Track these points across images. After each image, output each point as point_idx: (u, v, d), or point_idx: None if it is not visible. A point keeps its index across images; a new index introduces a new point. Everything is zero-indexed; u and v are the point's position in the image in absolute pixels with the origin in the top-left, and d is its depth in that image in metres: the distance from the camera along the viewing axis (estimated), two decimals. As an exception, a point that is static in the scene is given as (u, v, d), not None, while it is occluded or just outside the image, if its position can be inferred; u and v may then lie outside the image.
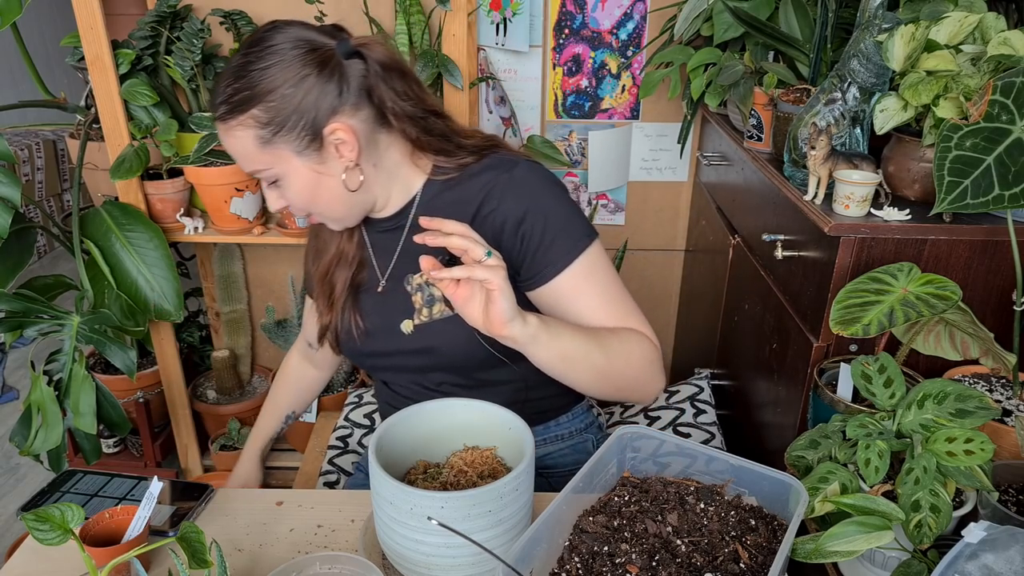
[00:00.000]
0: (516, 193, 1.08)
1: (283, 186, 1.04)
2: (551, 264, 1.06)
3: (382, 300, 1.17)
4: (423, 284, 1.03)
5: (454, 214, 1.07)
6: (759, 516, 0.82)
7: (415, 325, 1.09)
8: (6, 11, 1.42)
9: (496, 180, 1.08)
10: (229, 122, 1.00)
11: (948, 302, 0.91)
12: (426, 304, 1.07)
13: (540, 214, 1.07)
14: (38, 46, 4.08)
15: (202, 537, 0.79)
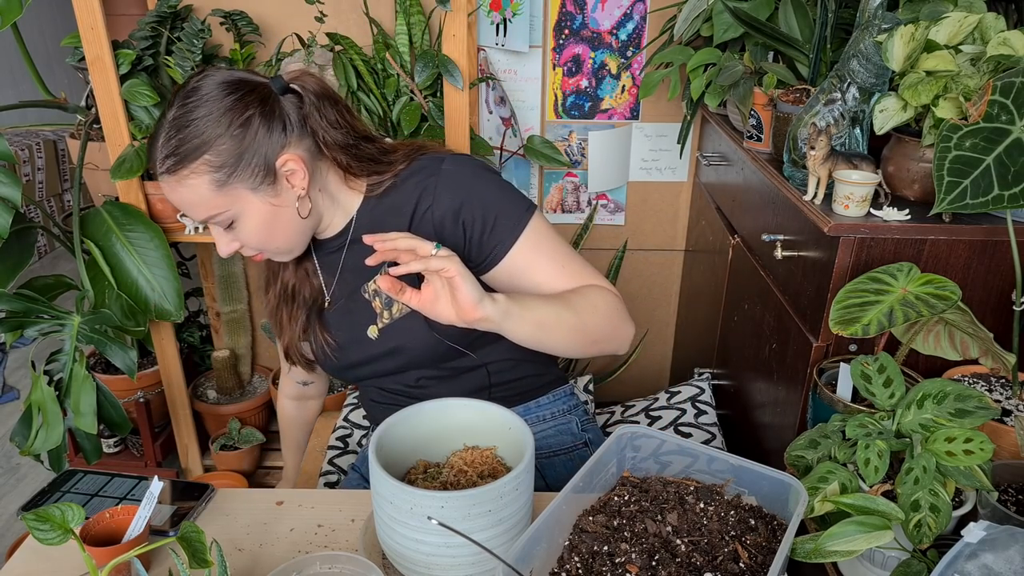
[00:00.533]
0: (448, 186, 1.11)
1: (239, 227, 1.07)
2: (499, 243, 1.10)
3: (344, 315, 1.20)
4: (377, 290, 1.07)
5: (392, 221, 1.14)
6: (759, 516, 0.83)
7: (380, 329, 1.15)
8: (7, 11, 1.42)
9: (426, 180, 1.12)
10: (180, 172, 1.01)
11: (947, 302, 0.91)
12: (385, 307, 1.12)
13: (476, 200, 1.10)
14: (39, 46, 4.08)
15: (202, 537, 0.79)
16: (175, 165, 1.01)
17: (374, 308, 1.12)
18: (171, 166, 1.01)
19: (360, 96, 1.83)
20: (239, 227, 1.07)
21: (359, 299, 1.16)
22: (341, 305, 1.21)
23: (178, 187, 1.03)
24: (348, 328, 1.20)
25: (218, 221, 1.06)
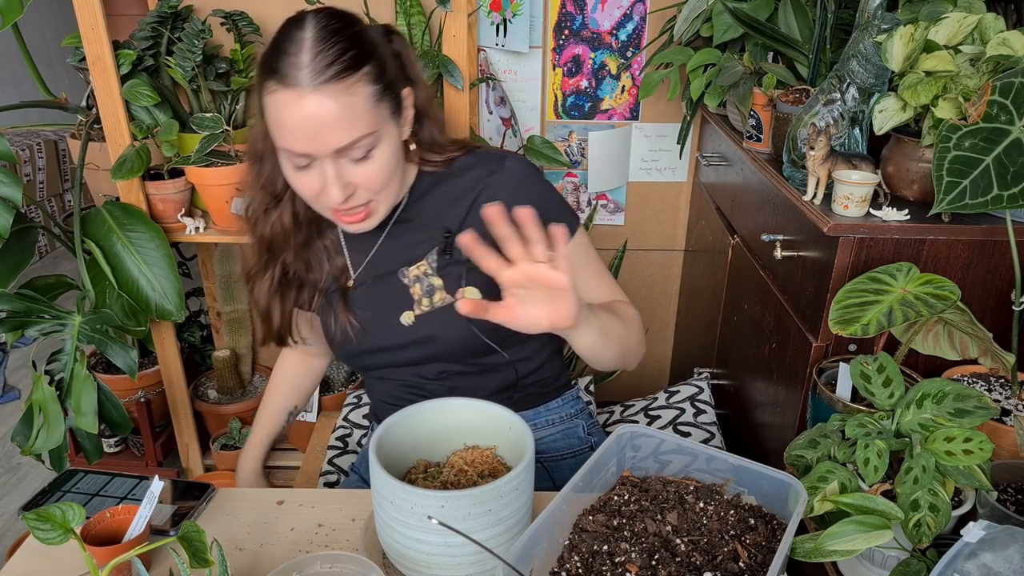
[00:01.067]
0: (509, 185, 1.10)
1: (375, 156, 0.99)
2: None
3: (372, 297, 1.16)
4: (420, 276, 1.06)
5: (448, 210, 1.12)
6: (758, 515, 0.83)
7: (416, 316, 1.12)
8: (7, 11, 1.42)
9: (488, 175, 1.11)
10: (346, 80, 0.94)
11: (947, 302, 0.92)
12: (426, 294, 1.10)
13: (534, 203, 1.07)
14: (39, 46, 4.08)
15: (203, 536, 0.79)
16: (341, 72, 0.94)
17: (412, 294, 1.10)
18: (335, 74, 0.93)
19: (360, 96, 1.83)
20: (375, 157, 0.99)
21: (392, 281, 1.13)
22: (368, 286, 1.17)
23: (342, 95, 0.94)
24: (375, 311, 1.16)
25: (361, 145, 0.97)
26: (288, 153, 0.98)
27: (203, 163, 1.74)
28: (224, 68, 1.86)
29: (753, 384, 1.51)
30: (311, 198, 1.03)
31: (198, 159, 1.71)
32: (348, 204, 1.01)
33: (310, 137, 0.95)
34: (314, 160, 0.97)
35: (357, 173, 0.99)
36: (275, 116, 0.97)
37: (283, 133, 0.97)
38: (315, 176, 0.99)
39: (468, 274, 1.11)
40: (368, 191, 1.02)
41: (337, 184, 0.98)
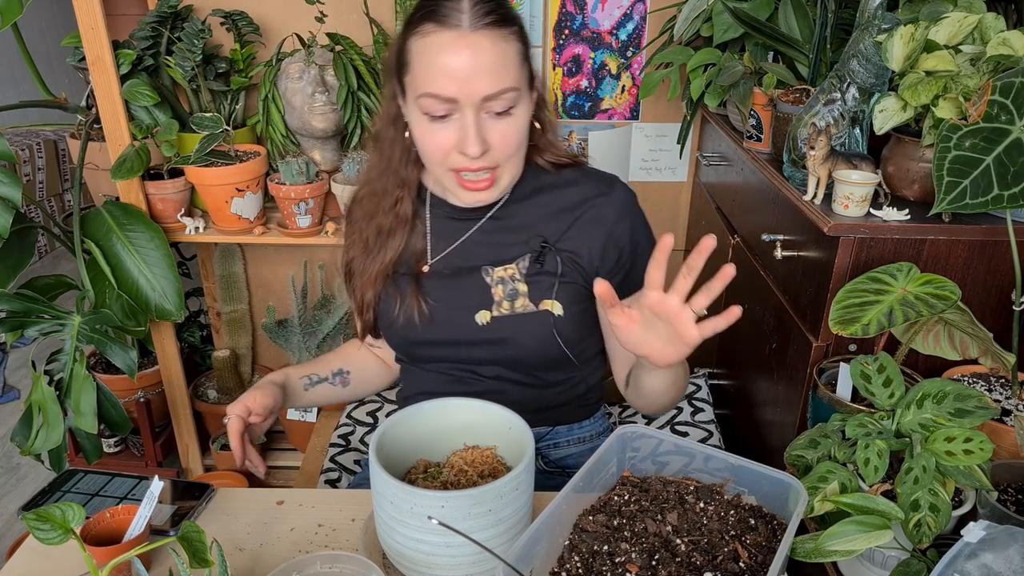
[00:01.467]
0: (617, 210, 1.11)
1: (514, 116, 1.00)
2: (635, 282, 1.06)
3: (446, 288, 1.14)
4: (506, 278, 1.06)
5: (549, 219, 1.12)
6: (759, 515, 0.83)
7: (493, 317, 1.10)
8: (7, 11, 1.42)
9: (596, 195, 1.11)
10: (503, 30, 0.96)
11: (947, 302, 0.92)
12: (508, 297, 1.09)
13: (636, 233, 1.11)
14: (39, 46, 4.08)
15: (203, 536, 0.79)
16: (500, 21, 0.95)
17: (492, 294, 1.08)
18: (495, 20, 0.95)
19: (360, 96, 1.83)
20: (514, 116, 0.99)
21: (472, 277, 1.12)
22: (445, 276, 1.14)
23: (496, 42, 0.95)
24: (449, 304, 1.13)
25: (505, 98, 0.97)
26: (430, 101, 0.97)
27: (203, 163, 1.74)
28: (224, 68, 1.86)
29: (753, 384, 1.51)
30: (442, 154, 1.01)
31: (198, 159, 1.70)
32: (478, 163, 1.00)
33: (463, 80, 0.94)
34: (455, 110, 0.97)
35: (495, 130, 0.99)
36: (427, 59, 0.96)
37: (432, 76, 0.96)
38: (452, 130, 0.98)
39: (559, 289, 1.10)
40: (501, 152, 1.01)
41: (477, 137, 0.97)
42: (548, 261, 1.10)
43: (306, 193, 1.77)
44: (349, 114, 1.82)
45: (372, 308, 1.18)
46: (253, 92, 1.95)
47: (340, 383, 1.28)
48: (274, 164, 1.88)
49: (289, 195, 1.76)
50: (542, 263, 1.10)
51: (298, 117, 1.82)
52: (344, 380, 1.28)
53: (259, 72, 1.88)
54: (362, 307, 1.18)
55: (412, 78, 0.99)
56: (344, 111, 1.82)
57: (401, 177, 1.14)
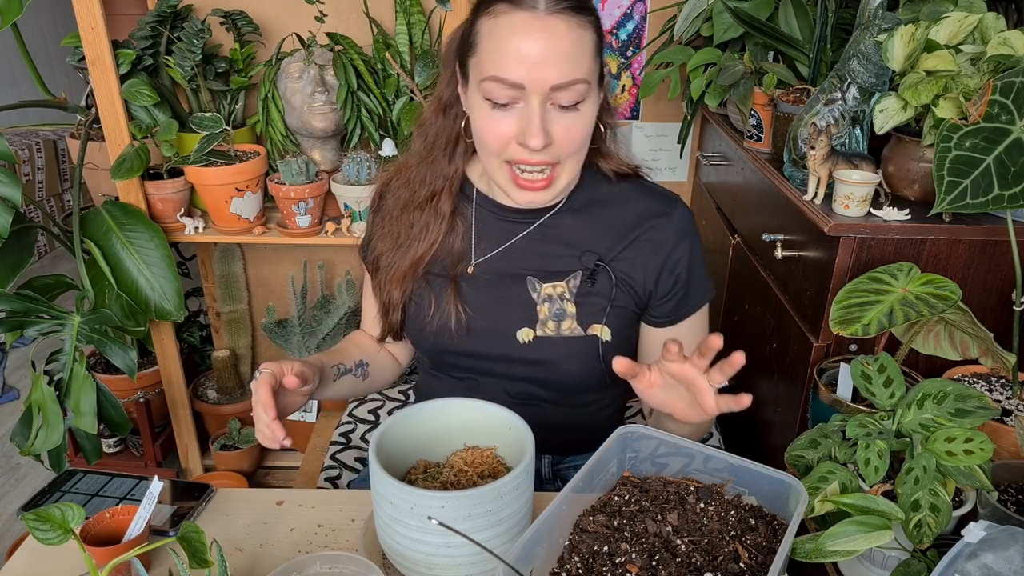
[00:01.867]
0: (677, 233, 1.05)
1: (581, 111, 0.93)
2: (686, 306, 1.08)
3: (488, 298, 1.07)
4: (555, 296, 1.00)
5: (604, 234, 1.05)
6: (759, 516, 0.82)
7: (536, 336, 1.03)
8: (7, 11, 1.42)
9: (659, 214, 1.05)
10: (579, 18, 0.90)
11: (947, 302, 0.91)
12: (554, 317, 1.02)
13: (692, 260, 1.07)
14: (39, 46, 4.08)
15: (202, 537, 0.79)
16: (578, 7, 0.90)
17: (537, 312, 1.01)
18: (573, 6, 0.90)
19: (360, 96, 1.83)
20: (581, 111, 0.93)
21: (515, 287, 1.05)
22: (487, 284, 1.07)
23: (571, 29, 0.89)
24: (489, 317, 1.06)
25: (575, 90, 0.91)
26: (494, 85, 0.91)
27: (202, 163, 1.73)
28: (223, 68, 1.86)
29: (754, 384, 1.51)
30: (500, 144, 0.94)
31: (197, 159, 1.70)
32: (538, 157, 0.93)
33: (532, 65, 0.88)
34: (520, 99, 0.91)
35: (560, 124, 0.92)
36: (496, 41, 0.90)
37: (500, 58, 0.90)
38: (513, 119, 0.92)
39: (609, 312, 1.04)
40: (564, 148, 0.94)
41: (541, 128, 0.90)
42: (600, 281, 1.04)
43: (306, 193, 1.76)
44: (349, 114, 1.82)
45: (399, 309, 1.10)
46: (253, 92, 1.95)
47: (361, 376, 1.18)
48: (274, 164, 1.88)
49: (289, 195, 1.76)
50: (594, 282, 1.04)
51: (298, 117, 1.82)
52: (364, 373, 1.19)
53: (259, 72, 1.88)
54: (388, 307, 1.12)
55: (477, 60, 0.93)
56: (344, 111, 1.82)
57: (443, 169, 1.07)
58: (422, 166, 1.08)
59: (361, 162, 1.75)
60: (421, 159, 1.08)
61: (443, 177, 1.07)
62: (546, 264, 1.05)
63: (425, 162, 1.08)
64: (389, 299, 1.11)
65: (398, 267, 1.09)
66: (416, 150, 1.10)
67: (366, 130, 1.87)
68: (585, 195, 1.06)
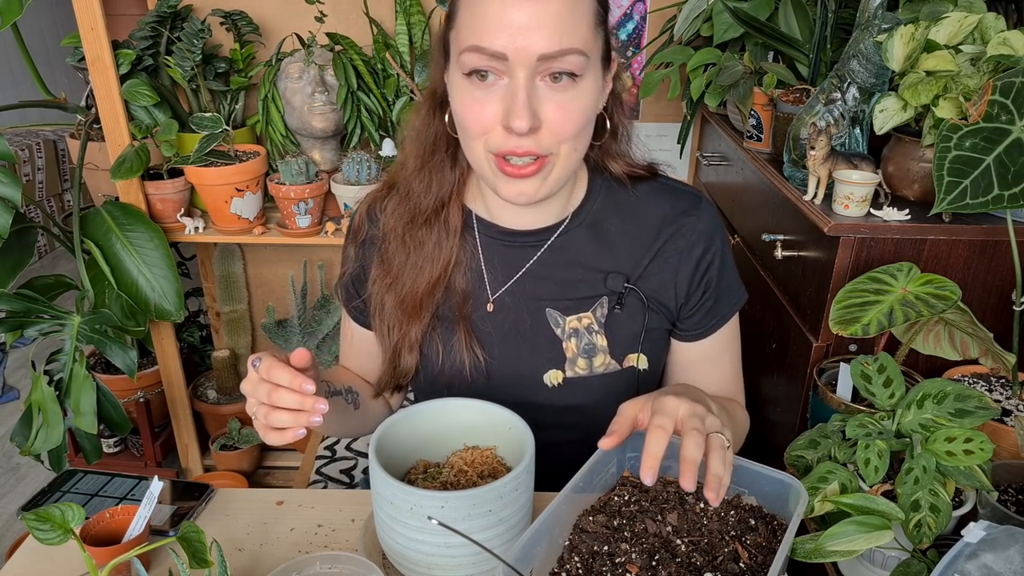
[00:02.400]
0: (707, 234, 0.94)
1: (577, 89, 0.79)
2: (717, 315, 0.97)
3: (505, 337, 0.94)
4: (581, 330, 0.88)
5: (627, 247, 0.94)
6: (759, 516, 0.82)
7: (566, 378, 0.92)
8: (7, 11, 1.42)
9: (683, 217, 0.93)
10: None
11: (947, 302, 0.91)
12: (583, 354, 0.90)
13: (723, 262, 0.95)
14: (39, 46, 4.08)
15: (202, 537, 0.79)
16: None
17: (564, 350, 0.89)
18: None
19: (360, 96, 1.83)
20: (575, 90, 0.79)
21: (535, 323, 0.92)
22: (502, 322, 0.94)
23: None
24: (510, 360, 0.94)
25: (568, 62, 0.77)
26: (473, 56, 0.77)
27: (202, 163, 1.73)
28: (223, 68, 1.86)
29: (753, 384, 1.51)
30: (481, 129, 0.81)
31: (197, 159, 1.70)
32: (524, 146, 0.79)
33: (516, 29, 0.75)
34: (504, 73, 0.78)
35: (550, 104, 0.78)
36: (474, 5, 0.78)
37: (480, 25, 0.77)
38: (497, 99, 0.78)
39: (644, 339, 0.92)
40: (556, 132, 0.80)
41: (527, 108, 0.77)
42: (630, 304, 0.92)
43: (306, 193, 1.76)
44: (349, 114, 1.82)
45: (417, 349, 0.95)
46: (253, 92, 1.95)
47: (352, 403, 1.00)
48: (274, 164, 1.88)
49: (289, 195, 1.76)
50: (623, 307, 0.92)
51: (298, 117, 1.82)
52: (355, 401, 1.01)
53: (259, 72, 1.88)
54: (400, 350, 0.95)
55: (456, 32, 0.81)
56: (344, 111, 1.82)
57: (447, 175, 0.93)
58: (423, 173, 0.94)
59: (361, 162, 1.75)
60: (421, 166, 0.94)
61: (449, 184, 0.94)
62: (566, 292, 0.93)
63: (426, 168, 0.94)
64: (403, 338, 0.95)
65: (411, 294, 0.93)
66: (412, 158, 0.95)
67: (366, 130, 1.87)
68: (597, 206, 0.94)
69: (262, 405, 0.76)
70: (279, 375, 0.75)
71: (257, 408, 0.77)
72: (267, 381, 0.75)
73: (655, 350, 0.96)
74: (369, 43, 1.86)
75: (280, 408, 0.75)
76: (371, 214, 0.99)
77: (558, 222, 0.94)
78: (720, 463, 0.69)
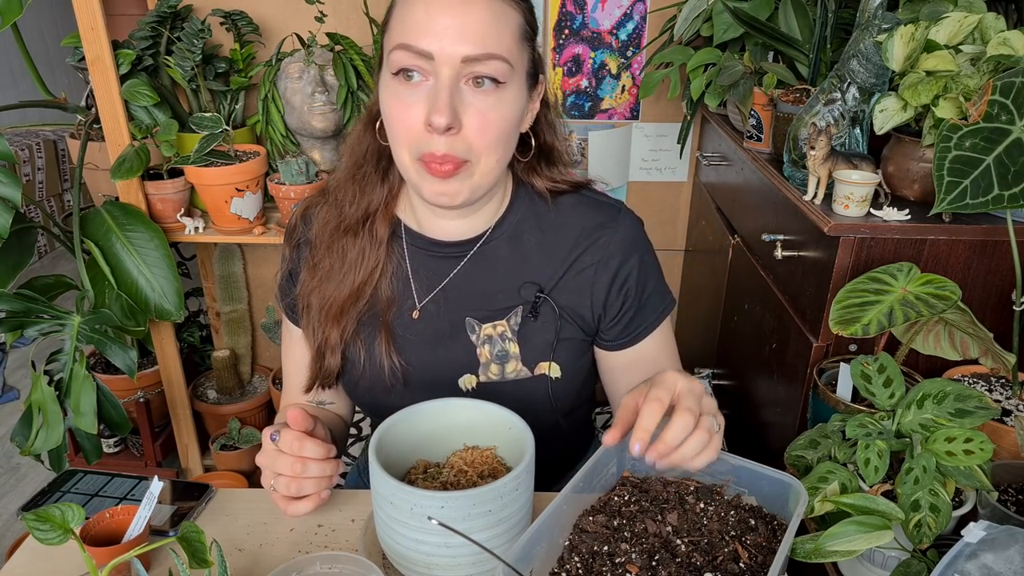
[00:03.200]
0: (624, 246, 0.97)
1: (499, 98, 0.83)
2: (643, 325, 1.00)
3: (425, 342, 0.98)
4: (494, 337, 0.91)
5: (543, 259, 0.97)
6: (759, 516, 0.82)
7: (479, 382, 0.96)
8: (7, 11, 1.42)
9: (600, 229, 0.96)
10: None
11: (947, 302, 0.91)
12: (496, 360, 0.93)
13: (643, 273, 0.98)
14: (39, 46, 4.08)
15: (202, 537, 0.79)
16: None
17: (478, 355, 0.92)
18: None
19: (360, 96, 1.83)
20: (498, 98, 0.83)
21: (453, 330, 0.96)
22: (423, 330, 0.98)
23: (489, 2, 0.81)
24: (424, 362, 0.97)
25: (491, 66, 0.81)
26: (401, 54, 0.82)
27: (202, 163, 1.73)
28: (223, 68, 1.86)
29: (753, 384, 1.51)
30: (407, 132, 0.84)
31: (197, 159, 1.70)
32: (444, 148, 0.82)
33: (443, 31, 0.79)
34: (431, 73, 0.82)
35: (471, 109, 0.82)
36: (405, 7, 0.83)
37: (409, 24, 0.81)
38: (421, 99, 0.82)
39: (557, 347, 0.96)
40: (474, 139, 0.83)
41: (448, 106, 0.80)
42: (544, 314, 0.96)
43: (306, 193, 1.77)
44: (349, 114, 1.82)
45: (339, 352, 0.98)
46: (253, 92, 1.95)
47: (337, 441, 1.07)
48: (274, 164, 1.88)
49: (289, 195, 1.76)
50: (536, 316, 0.96)
51: (298, 117, 1.82)
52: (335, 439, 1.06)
53: (259, 72, 1.88)
54: (323, 350, 0.99)
55: (389, 35, 0.85)
56: (344, 111, 1.82)
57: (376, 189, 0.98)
58: (351, 185, 0.98)
59: (361, 162, 1.75)
60: (349, 178, 0.98)
61: (378, 197, 0.97)
62: (485, 302, 0.97)
63: (354, 181, 0.97)
64: (326, 340, 0.98)
65: (334, 300, 0.97)
66: (343, 169, 0.99)
67: (366, 130, 1.87)
68: (518, 218, 0.98)
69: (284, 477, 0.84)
70: (312, 450, 0.84)
71: (277, 480, 0.86)
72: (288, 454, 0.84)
73: (569, 359, 0.98)
74: (369, 43, 1.86)
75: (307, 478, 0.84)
76: (306, 217, 1.03)
77: (481, 234, 0.98)
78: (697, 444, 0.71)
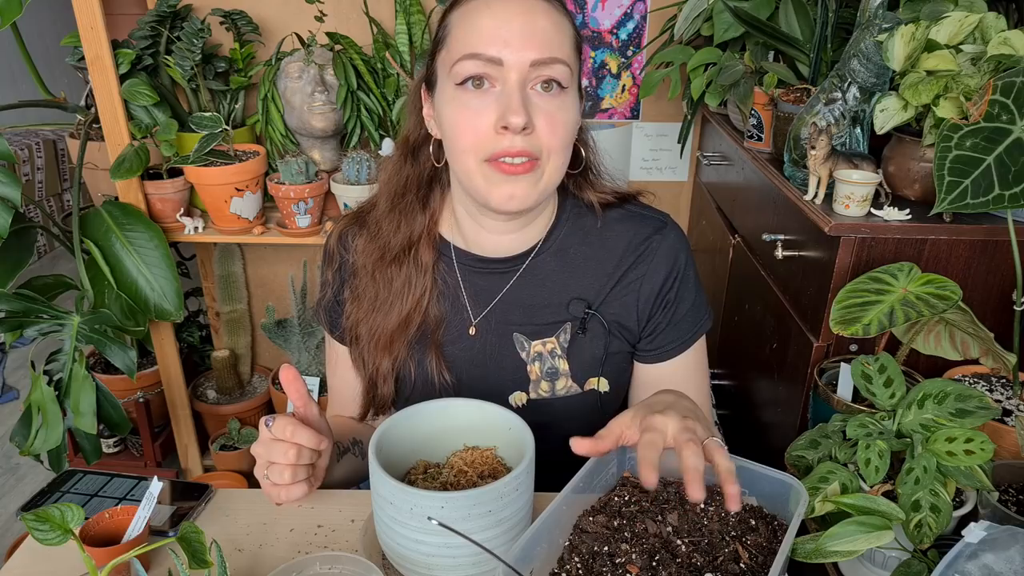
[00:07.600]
0: (670, 259, 0.97)
1: (564, 100, 0.86)
2: (677, 340, 1.00)
3: (476, 360, 0.99)
4: (544, 354, 0.92)
5: (590, 273, 0.97)
6: (759, 516, 0.82)
7: (530, 399, 0.96)
8: (6, 11, 1.42)
9: (647, 242, 0.97)
10: (557, 4, 0.87)
11: (948, 302, 0.91)
12: (546, 377, 0.94)
13: (684, 286, 0.98)
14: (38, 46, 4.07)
15: (202, 537, 0.79)
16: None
17: (528, 372, 0.93)
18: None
19: (360, 96, 1.83)
20: (563, 101, 0.85)
21: (503, 347, 0.96)
22: (473, 347, 0.98)
23: (549, 12, 0.84)
24: (474, 380, 0.98)
25: (557, 70, 0.83)
26: (469, 63, 0.83)
27: (202, 162, 1.73)
28: (223, 67, 1.86)
29: (754, 384, 1.51)
30: (478, 136, 0.84)
31: (197, 158, 1.70)
32: (519, 145, 0.83)
33: (510, 38, 0.81)
34: (498, 79, 0.83)
35: (540, 112, 0.84)
36: (470, 21, 0.84)
37: (475, 36, 0.83)
38: (491, 104, 0.83)
39: (606, 362, 0.96)
40: (547, 138, 0.85)
41: (523, 106, 0.81)
42: (592, 329, 0.97)
43: (305, 193, 1.76)
44: (348, 114, 1.82)
45: (391, 379, 0.99)
46: (252, 92, 1.95)
47: (360, 454, 1.04)
48: (273, 164, 1.88)
49: (288, 195, 1.76)
50: (585, 332, 0.96)
51: (297, 117, 1.82)
52: (362, 450, 1.05)
53: (258, 72, 1.88)
54: (375, 379, 1.00)
55: (448, 51, 0.86)
56: (343, 111, 1.81)
57: (418, 217, 0.98)
58: (392, 215, 0.99)
59: (361, 162, 1.75)
60: (391, 208, 0.99)
61: (420, 225, 0.98)
62: (533, 317, 0.98)
63: (396, 211, 0.99)
64: (377, 370, 1.00)
65: (382, 331, 0.98)
66: (383, 200, 1.00)
67: (366, 130, 1.87)
68: (565, 232, 0.99)
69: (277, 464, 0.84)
70: (304, 437, 0.84)
71: (270, 468, 0.86)
72: (281, 440, 0.83)
73: (616, 372, 0.99)
74: (369, 43, 1.86)
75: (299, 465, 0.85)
76: (343, 241, 1.04)
77: (529, 249, 0.98)
78: (727, 459, 0.72)
